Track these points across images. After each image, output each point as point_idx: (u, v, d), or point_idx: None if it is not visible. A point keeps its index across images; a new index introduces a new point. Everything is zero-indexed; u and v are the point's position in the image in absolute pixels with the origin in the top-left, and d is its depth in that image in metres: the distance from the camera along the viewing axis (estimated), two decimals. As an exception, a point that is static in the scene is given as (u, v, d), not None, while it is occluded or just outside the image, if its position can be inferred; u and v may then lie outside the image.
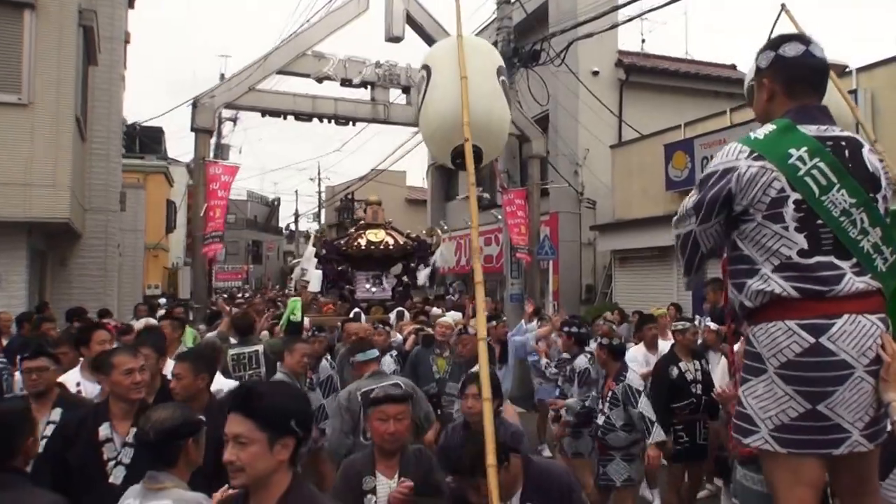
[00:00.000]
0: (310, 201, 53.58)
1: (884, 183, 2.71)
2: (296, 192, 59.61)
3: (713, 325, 7.58)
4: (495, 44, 13.94)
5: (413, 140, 21.88)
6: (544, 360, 8.00)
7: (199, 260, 12.92)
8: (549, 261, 15.98)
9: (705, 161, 13.48)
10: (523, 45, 15.40)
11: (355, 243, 11.97)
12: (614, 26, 15.33)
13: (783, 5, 4.90)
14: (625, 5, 13.79)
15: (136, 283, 20.16)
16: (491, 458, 2.71)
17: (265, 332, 8.89)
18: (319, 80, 13.90)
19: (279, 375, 6.27)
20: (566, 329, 7.29)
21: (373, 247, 11.93)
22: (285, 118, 13.99)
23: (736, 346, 6.65)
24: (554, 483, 3.52)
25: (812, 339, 2.50)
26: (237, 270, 46.04)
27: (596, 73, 17.83)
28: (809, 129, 2.65)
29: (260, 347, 7.43)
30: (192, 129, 12.68)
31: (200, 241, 12.29)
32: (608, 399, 5.87)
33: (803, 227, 2.56)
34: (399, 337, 8.79)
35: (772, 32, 5.00)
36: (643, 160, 15.67)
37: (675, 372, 6.52)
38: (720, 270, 3.18)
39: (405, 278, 12.02)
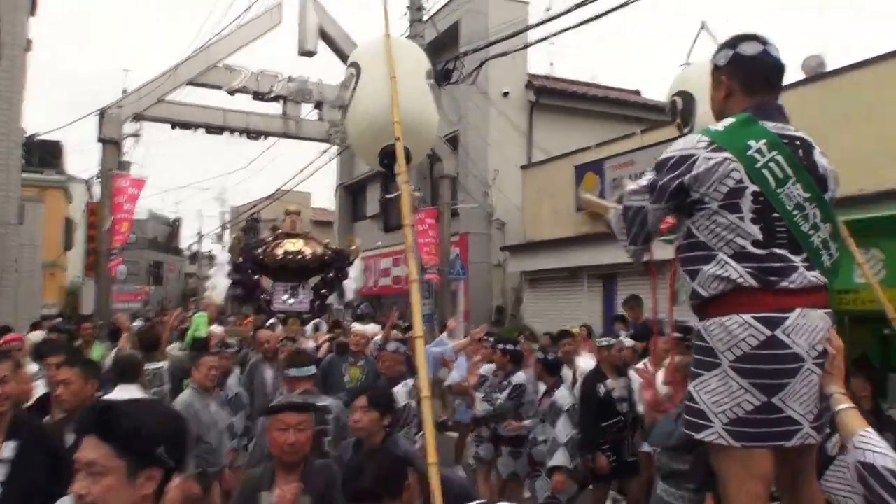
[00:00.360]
0: (213, 222, 52.41)
1: (831, 185, 2.74)
2: (199, 211, 58.27)
3: (629, 342, 7.50)
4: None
5: (321, 159, 21.49)
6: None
7: (103, 275, 12.29)
8: (460, 281, 15.84)
9: (615, 182, 13.61)
10: (435, 63, 15.29)
11: (272, 252, 11.46)
12: (525, 46, 15.39)
13: (703, 23, 4.98)
14: (535, 26, 13.89)
15: (35, 302, 19.17)
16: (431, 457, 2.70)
17: (174, 344, 8.66)
18: (231, 93, 13.61)
19: (186, 392, 5.85)
20: (500, 347, 6.84)
21: (290, 257, 11.53)
22: (196, 130, 13.63)
23: (669, 359, 6.62)
24: (453, 493, 3.24)
25: (768, 332, 2.50)
26: (136, 291, 44.38)
27: (506, 95, 17.89)
28: (768, 125, 2.67)
29: (164, 364, 7.06)
30: (99, 140, 12.19)
31: (105, 256, 11.67)
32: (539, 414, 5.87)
33: (759, 218, 2.57)
34: (312, 344, 8.55)
35: (691, 51, 5.06)
36: (554, 181, 15.74)
37: (602, 390, 6.38)
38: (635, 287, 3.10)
39: (324, 290, 11.51)
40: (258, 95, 14.02)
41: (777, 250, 2.57)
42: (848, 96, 9.25)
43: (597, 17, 12.36)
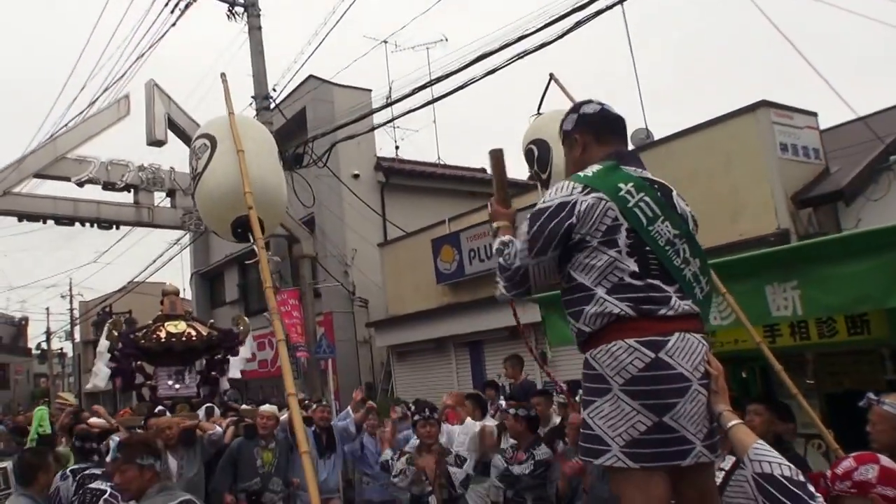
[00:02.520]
0: (62, 319, 49.39)
1: (691, 225, 2.98)
2: (46, 309, 54.56)
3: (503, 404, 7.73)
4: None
5: (173, 249, 21.09)
6: (388, 452, 7.07)
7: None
8: (328, 360, 15.85)
9: (472, 253, 14.17)
10: (286, 149, 15.58)
11: (154, 336, 10.68)
12: (372, 129, 15.96)
13: (551, 74, 5.33)
14: (378, 110, 14.50)
15: None
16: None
17: None
18: (81, 184, 13.37)
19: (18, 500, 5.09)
20: (512, 412, 6.17)
21: (174, 339, 10.64)
22: (45, 222, 13.18)
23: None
24: None
25: (652, 355, 2.63)
26: None
27: (357, 176, 18.35)
28: (629, 170, 2.91)
29: (8, 464, 6.52)
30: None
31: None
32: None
33: (633, 252, 2.75)
34: (218, 429, 7.72)
35: (542, 99, 5.37)
36: (412, 256, 16.14)
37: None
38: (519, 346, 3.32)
39: (213, 373, 10.66)
40: (108, 185, 13.84)
41: (652, 281, 2.74)
42: (674, 163, 9.88)
43: (436, 99, 13.25)
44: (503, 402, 7.98)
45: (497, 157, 3.48)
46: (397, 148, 20.92)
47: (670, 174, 10.03)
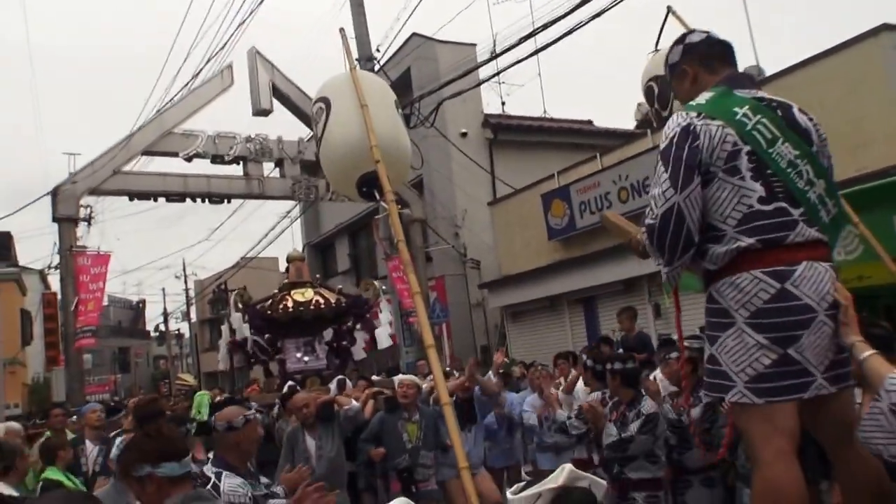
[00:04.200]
0: (178, 299, 51.21)
1: (814, 139, 2.82)
2: (162, 290, 56.78)
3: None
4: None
5: (284, 222, 21.38)
6: (562, 413, 6.10)
7: (73, 360, 11.93)
8: (442, 324, 15.72)
9: (583, 206, 13.71)
10: (392, 109, 15.41)
11: (281, 306, 9.99)
12: (478, 84, 15.57)
13: (669, 7, 5.11)
14: (484, 63, 14.08)
15: (-5, 401, 18.45)
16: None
17: None
18: (189, 159, 13.46)
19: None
20: (610, 368, 5.41)
21: (301, 308, 9.91)
22: (156, 200, 13.37)
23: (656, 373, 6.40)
24: None
25: (778, 286, 2.57)
26: (103, 382, 43.39)
27: (464, 135, 18.02)
28: (743, 93, 2.79)
29: None
30: (55, 219, 11.88)
31: (73, 339, 11.32)
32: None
33: (757, 175, 2.66)
34: (354, 404, 7.11)
35: (660, 33, 5.24)
36: (522, 213, 15.78)
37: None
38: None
39: (343, 342, 9.98)
40: (217, 158, 13.92)
41: (780, 203, 2.64)
42: (790, 98, 9.36)
43: (541, 49, 12.70)
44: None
45: (606, 219, 3.51)
46: (503, 104, 20.47)
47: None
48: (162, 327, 48.16)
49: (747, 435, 2.69)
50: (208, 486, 3.40)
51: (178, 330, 49.76)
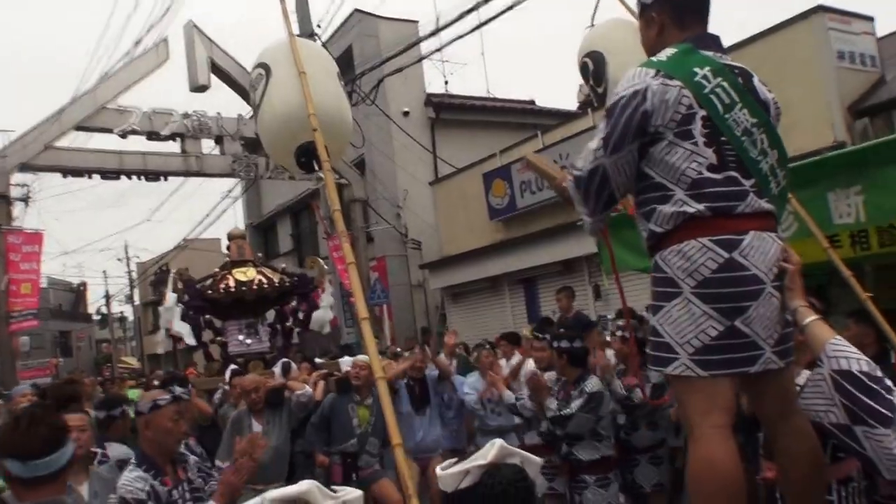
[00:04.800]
0: (120, 282, 49.83)
1: (773, 112, 2.76)
2: (104, 272, 55.62)
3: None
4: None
5: (225, 202, 21.03)
6: (509, 394, 5.91)
7: (4, 342, 11.49)
8: (383, 305, 15.63)
9: (524, 186, 13.73)
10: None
11: (221, 285, 9.37)
12: (419, 60, 15.46)
13: None
14: (426, 38, 14.02)
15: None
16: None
17: None
18: (124, 135, 13.10)
19: None
20: (557, 346, 5.25)
21: (244, 287, 9.28)
22: (90, 177, 13.00)
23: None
24: None
25: (726, 255, 2.49)
26: (43, 365, 42.23)
27: (406, 114, 17.88)
28: (707, 54, 2.68)
29: None
30: (-16, 197, 11.41)
31: (4, 320, 10.93)
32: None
33: (710, 142, 2.55)
34: (307, 389, 6.66)
35: (595, 9, 5.14)
36: (463, 193, 15.77)
37: None
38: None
39: (288, 324, 9.45)
40: (153, 135, 13.59)
41: (731, 173, 2.56)
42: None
43: (484, 23, 12.65)
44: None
45: (531, 160, 3.53)
46: (447, 83, 20.37)
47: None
48: (104, 310, 47.13)
49: (684, 408, 2.64)
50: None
51: (121, 313, 49.09)
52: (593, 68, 4.61)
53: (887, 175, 4.30)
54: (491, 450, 2.50)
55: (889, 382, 2.18)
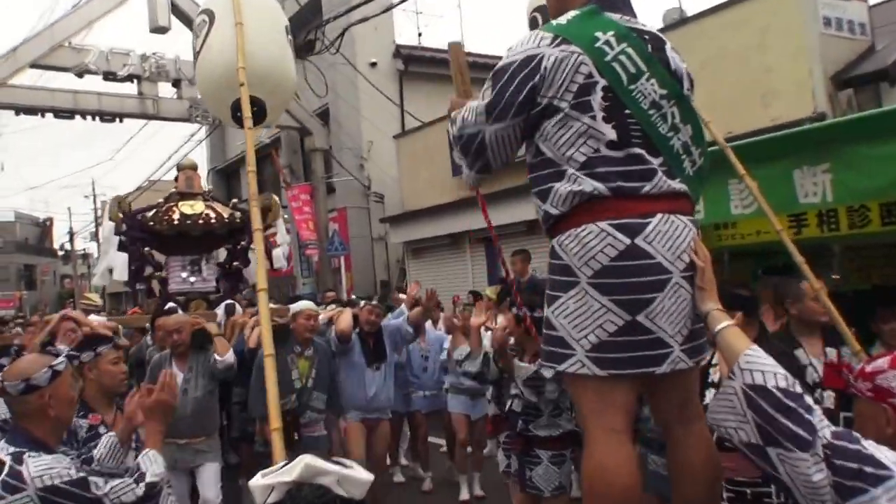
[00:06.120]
0: (84, 219, 49.87)
1: (686, 84, 2.50)
2: (68, 209, 55.67)
3: None
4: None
5: (188, 144, 20.73)
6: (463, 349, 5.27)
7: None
8: (341, 257, 15.54)
9: (489, 143, 13.59)
10: (297, 36, 14.87)
11: (165, 217, 8.50)
12: (387, 9, 15.13)
13: None
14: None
15: None
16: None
17: None
18: (80, 75, 12.91)
19: None
20: (531, 314, 4.71)
21: (189, 222, 8.44)
22: (43, 116, 12.80)
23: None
24: None
25: (627, 241, 2.26)
26: (7, 298, 42.69)
27: (374, 65, 17.58)
28: (614, 17, 2.43)
29: None
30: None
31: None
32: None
33: (611, 116, 2.31)
34: (229, 357, 5.72)
35: None
36: (428, 148, 15.58)
37: None
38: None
39: (235, 264, 8.55)
40: (109, 76, 13.34)
41: (633, 150, 2.32)
42: (703, 43, 9.31)
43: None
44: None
45: (455, 49, 3.34)
46: (420, 35, 20.02)
47: (699, 56, 9.16)
48: (68, 246, 47.12)
49: (579, 408, 2.46)
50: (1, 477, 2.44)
51: (85, 250, 48.87)
52: (543, 22, 4.27)
53: (859, 153, 4.03)
54: (297, 467, 2.28)
55: (809, 400, 1.95)
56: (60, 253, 51.22)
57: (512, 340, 4.85)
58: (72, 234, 45.66)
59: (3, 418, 3.50)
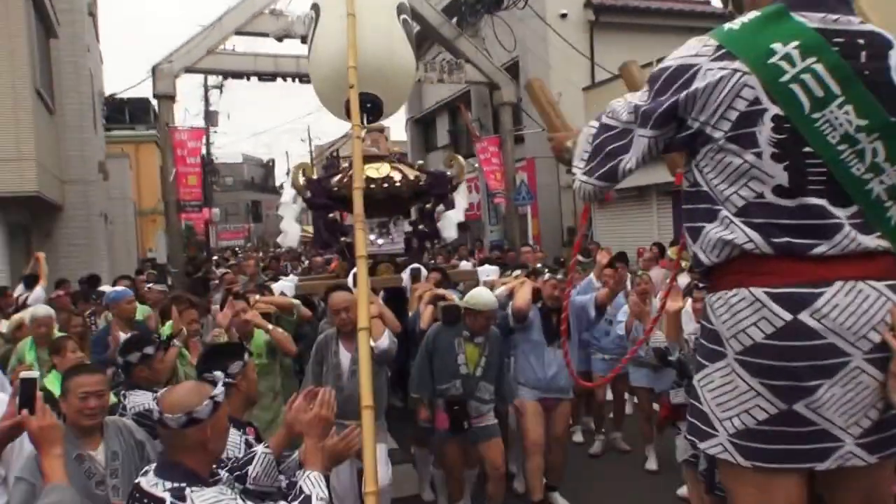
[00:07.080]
0: (302, 160, 55.06)
1: None
2: (286, 152, 60.87)
3: None
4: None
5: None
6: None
7: (173, 226, 12.98)
8: (528, 206, 16.00)
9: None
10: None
11: (349, 181, 7.35)
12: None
13: None
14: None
15: (130, 249, 20.51)
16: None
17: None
18: (279, 39, 13.78)
19: None
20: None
21: (374, 185, 7.92)
22: (248, 79, 13.91)
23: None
24: None
25: (788, 316, 1.84)
26: (239, 230, 47.42)
27: (564, 16, 17.56)
28: (810, 18, 1.88)
29: None
30: (154, 96, 12.65)
31: (174, 207, 12.30)
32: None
33: (783, 154, 1.84)
34: (383, 342, 5.00)
35: None
36: (618, 100, 15.53)
37: None
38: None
39: (422, 226, 8.29)
40: (306, 39, 14.18)
41: (810, 200, 1.85)
42: None
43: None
44: None
45: (536, 86, 2.88)
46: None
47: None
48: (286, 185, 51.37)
49: (732, 498, 2.06)
50: None
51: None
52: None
53: None
54: None
55: None
56: (282, 191, 56.37)
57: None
58: (289, 174, 49.65)
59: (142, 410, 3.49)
